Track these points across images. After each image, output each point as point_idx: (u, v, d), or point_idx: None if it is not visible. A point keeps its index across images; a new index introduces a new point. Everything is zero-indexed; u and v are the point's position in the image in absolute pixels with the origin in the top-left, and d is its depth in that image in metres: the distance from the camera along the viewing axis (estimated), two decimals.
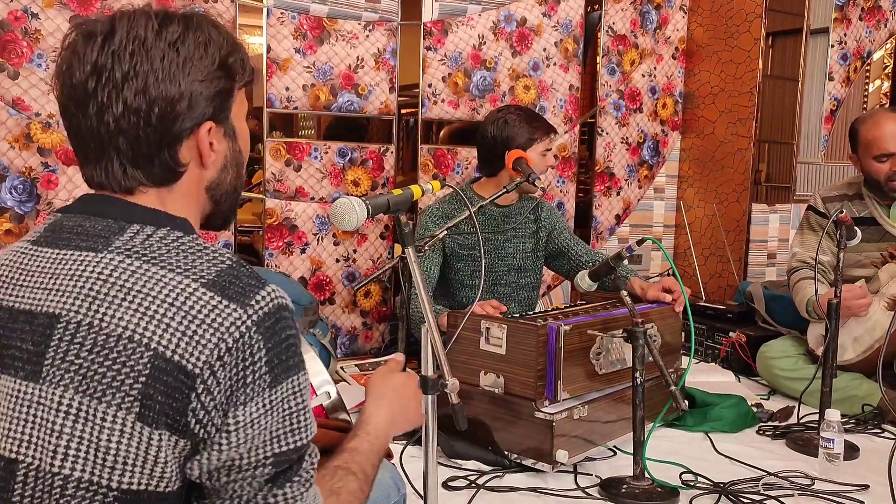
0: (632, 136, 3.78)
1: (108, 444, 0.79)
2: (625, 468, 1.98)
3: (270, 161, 3.00)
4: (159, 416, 0.79)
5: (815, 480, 1.98)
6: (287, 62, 2.97)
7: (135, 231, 0.87)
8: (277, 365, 0.83)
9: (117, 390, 0.79)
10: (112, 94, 0.87)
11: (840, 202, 2.78)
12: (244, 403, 0.81)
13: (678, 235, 3.97)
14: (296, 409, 0.86)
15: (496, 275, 2.73)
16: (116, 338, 0.79)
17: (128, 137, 0.88)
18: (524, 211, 2.78)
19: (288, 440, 0.85)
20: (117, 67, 0.86)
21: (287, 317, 0.85)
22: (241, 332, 0.80)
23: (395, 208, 1.49)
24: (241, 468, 0.83)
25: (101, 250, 0.85)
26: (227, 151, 0.96)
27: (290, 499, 0.86)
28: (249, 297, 0.83)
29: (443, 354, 1.48)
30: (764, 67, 3.61)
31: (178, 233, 0.89)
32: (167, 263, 0.84)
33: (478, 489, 1.89)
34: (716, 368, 3.08)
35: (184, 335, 0.79)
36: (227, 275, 0.84)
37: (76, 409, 0.79)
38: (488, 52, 3.33)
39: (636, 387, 1.91)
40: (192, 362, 0.79)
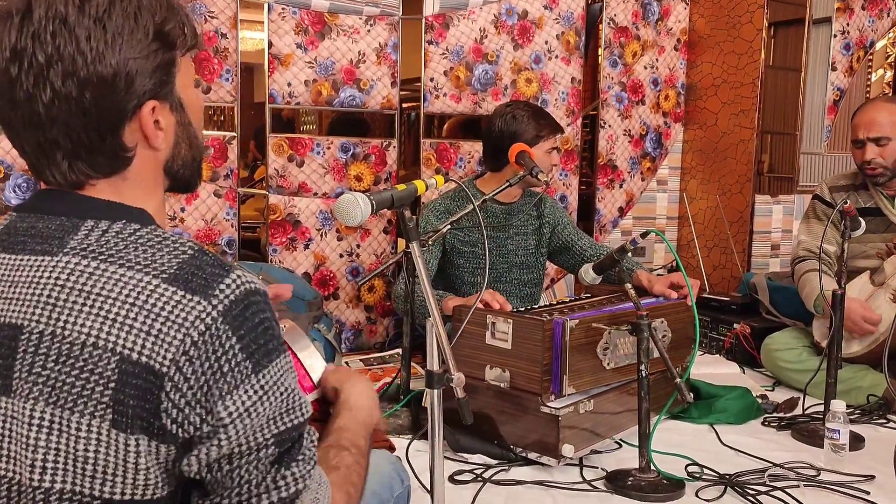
0: (634, 129, 3.77)
1: (86, 454, 0.77)
2: (630, 461, 1.98)
3: (273, 157, 3.00)
4: (133, 420, 0.77)
5: (821, 471, 1.98)
6: (288, 58, 2.96)
7: (89, 228, 0.83)
8: (256, 350, 0.80)
9: (88, 399, 0.76)
10: (38, 80, 0.80)
11: (847, 192, 2.77)
12: (228, 393, 0.78)
13: (681, 227, 3.97)
14: (287, 391, 0.84)
15: (497, 272, 2.74)
16: (81, 345, 0.77)
17: (62, 127, 0.82)
18: (527, 208, 2.78)
19: (286, 419, 0.84)
20: (39, 50, 0.79)
21: (258, 301, 0.82)
22: (206, 324, 0.78)
23: (399, 203, 1.49)
24: (242, 454, 0.81)
25: (55, 253, 0.82)
26: (177, 126, 0.90)
27: (298, 478, 0.85)
28: (213, 288, 0.80)
29: (448, 348, 1.48)
30: (766, 58, 3.59)
31: (135, 225, 0.85)
32: (125, 261, 0.80)
33: (484, 483, 1.89)
34: (720, 360, 3.08)
35: (148, 335, 0.77)
36: (189, 266, 0.81)
37: (49, 422, 0.77)
38: (490, 46, 3.32)
39: (641, 379, 1.91)
40: (158, 361, 0.76)
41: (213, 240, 2.93)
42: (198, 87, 0.98)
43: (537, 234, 2.79)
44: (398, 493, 1.22)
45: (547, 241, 2.81)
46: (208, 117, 2.93)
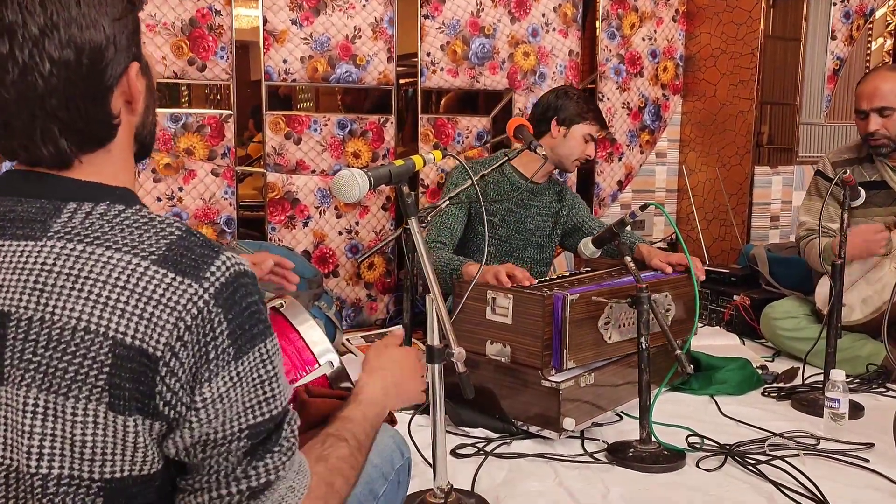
0: (633, 101, 3.75)
1: (84, 437, 0.77)
2: (631, 433, 1.99)
3: (270, 135, 2.99)
4: (130, 402, 0.76)
5: (821, 440, 1.99)
6: (284, 34, 2.94)
7: (72, 210, 0.82)
8: (241, 336, 0.80)
9: (83, 384, 0.76)
10: (34, 51, 0.78)
11: (850, 166, 2.73)
12: (209, 380, 0.78)
13: (681, 200, 3.96)
14: (266, 378, 0.83)
15: (510, 246, 2.75)
16: (72, 330, 0.76)
17: (61, 98, 0.80)
18: (550, 192, 2.83)
19: (262, 410, 0.83)
20: (31, 22, 0.78)
21: (247, 283, 0.82)
22: (198, 307, 0.77)
23: (398, 179, 1.48)
24: (216, 442, 0.81)
25: (39, 237, 0.80)
26: (146, 90, 0.89)
27: (271, 469, 0.84)
28: (203, 270, 0.79)
29: (448, 324, 1.49)
30: (766, 28, 3.56)
31: (119, 206, 0.83)
32: (112, 243, 0.79)
33: (486, 456, 1.90)
34: (720, 332, 3.09)
35: (140, 318, 0.76)
36: (178, 247, 0.80)
37: (43, 408, 0.77)
38: (486, 19, 3.29)
39: (641, 352, 1.91)
40: (152, 345, 0.76)
41: (212, 219, 2.93)
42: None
43: (555, 217, 2.83)
44: (398, 465, 1.22)
45: (563, 224, 2.85)
46: (204, 95, 2.92)
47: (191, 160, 2.87)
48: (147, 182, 2.82)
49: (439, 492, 1.58)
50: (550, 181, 2.85)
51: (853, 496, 1.70)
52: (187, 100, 2.91)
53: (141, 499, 0.81)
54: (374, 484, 1.14)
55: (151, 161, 2.81)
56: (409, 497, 1.59)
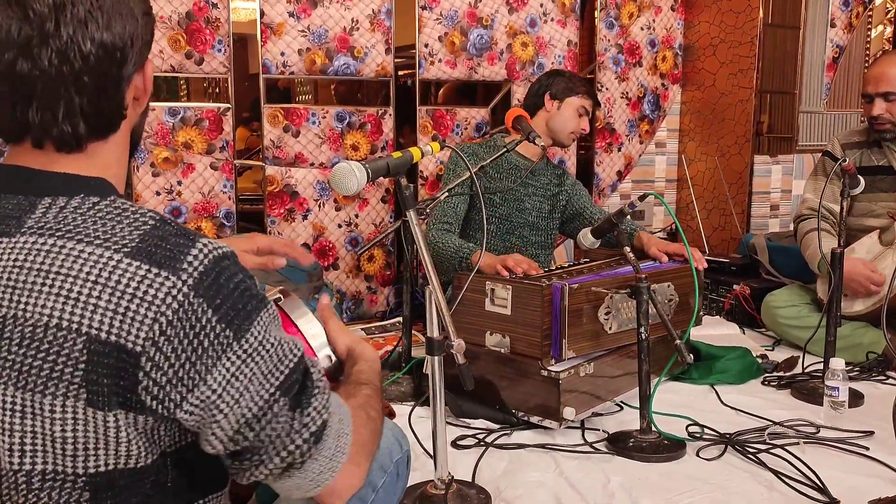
0: (632, 91, 3.74)
1: (64, 434, 0.77)
2: (632, 422, 2.00)
3: (268, 128, 2.98)
4: (109, 397, 0.76)
5: (820, 428, 2.00)
6: (281, 27, 2.93)
7: (46, 205, 0.81)
8: (235, 317, 0.79)
9: (59, 381, 0.75)
10: (77, 32, 0.80)
11: (859, 149, 2.73)
12: (212, 368, 0.78)
13: (680, 189, 3.96)
14: (276, 343, 0.83)
15: (510, 224, 2.75)
16: (44, 327, 0.75)
17: (92, 78, 0.81)
18: (550, 174, 2.83)
19: (281, 368, 0.83)
20: (80, 4, 0.80)
21: (228, 265, 0.80)
22: (178, 301, 0.76)
23: (396, 171, 1.48)
24: (257, 417, 0.81)
25: (13, 234, 0.79)
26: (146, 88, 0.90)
27: (321, 409, 0.86)
28: (180, 261, 0.78)
29: (448, 315, 1.49)
30: (765, 16, 3.55)
31: (94, 198, 0.83)
32: (84, 236, 0.78)
33: (486, 447, 1.91)
34: (720, 321, 3.09)
35: (115, 313, 0.75)
36: (152, 237, 0.79)
37: (21, 406, 0.76)
38: (484, 10, 3.28)
39: (641, 342, 1.92)
40: (131, 340, 0.75)
41: (211, 213, 2.93)
42: None
43: (553, 200, 2.82)
44: (397, 457, 1.22)
45: (561, 209, 2.83)
46: (202, 89, 2.91)
47: (189, 154, 2.87)
48: (146, 176, 2.81)
49: (440, 483, 1.58)
50: (549, 164, 2.85)
51: (853, 484, 1.70)
52: (185, 93, 2.91)
53: (131, 492, 0.81)
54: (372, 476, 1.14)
55: (150, 155, 2.81)
56: (410, 488, 1.60)
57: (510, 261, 2.19)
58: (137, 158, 2.78)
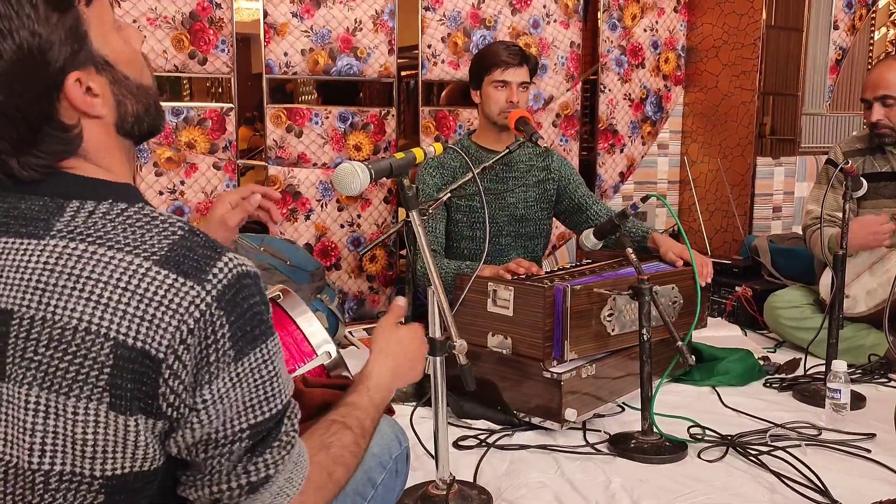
0: (634, 93, 3.74)
1: (85, 436, 0.77)
2: (633, 424, 2.00)
3: (271, 128, 2.98)
4: (132, 402, 0.77)
5: (822, 430, 2.00)
6: (284, 27, 2.93)
7: (75, 209, 0.81)
8: (241, 337, 0.80)
9: (84, 383, 0.76)
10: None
11: (861, 156, 2.72)
12: (210, 382, 0.79)
13: (683, 191, 3.96)
14: (267, 378, 0.83)
15: (498, 226, 2.68)
16: (73, 330, 0.76)
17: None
18: (529, 159, 2.72)
19: (262, 409, 0.83)
20: None
21: (249, 284, 0.81)
22: (200, 310, 0.77)
23: (398, 172, 1.49)
24: (217, 442, 0.81)
25: (42, 236, 0.80)
26: (111, 86, 0.84)
27: (270, 464, 0.85)
28: (206, 272, 0.78)
29: (450, 316, 1.49)
30: (767, 18, 3.55)
31: (122, 204, 0.82)
32: (115, 242, 0.78)
33: (488, 448, 1.91)
34: (722, 323, 3.09)
35: (143, 320, 0.76)
36: (180, 247, 0.79)
37: (45, 406, 0.77)
38: (487, 11, 3.28)
39: (643, 343, 1.92)
40: (154, 347, 0.76)
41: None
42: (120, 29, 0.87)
43: (540, 188, 2.72)
44: (396, 454, 1.23)
45: (552, 198, 2.74)
46: (205, 89, 2.91)
47: (192, 154, 2.87)
48: (149, 176, 2.82)
49: (441, 483, 1.58)
50: (527, 148, 2.68)
51: (855, 486, 1.70)
52: (188, 93, 2.91)
53: (142, 494, 0.82)
54: (371, 472, 1.15)
55: (153, 155, 2.81)
56: (412, 489, 1.61)
57: (512, 265, 2.19)
58: (140, 158, 2.79)
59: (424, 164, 2.67)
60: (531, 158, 2.72)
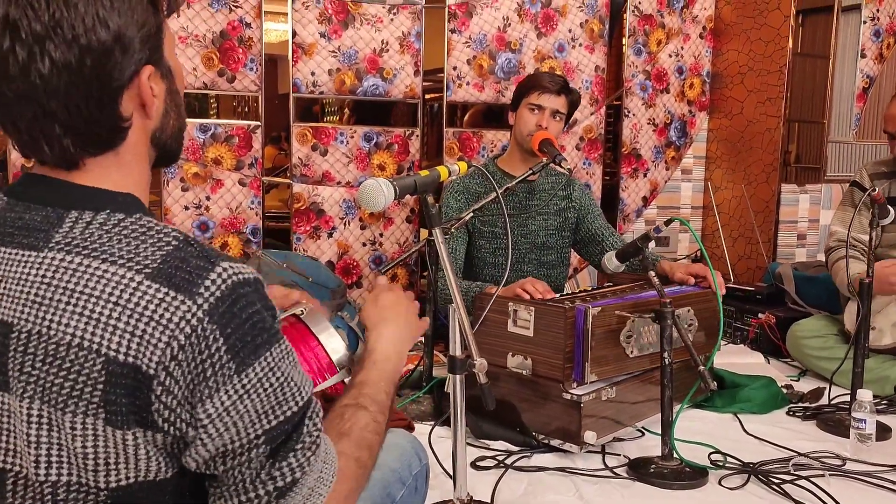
0: (658, 118, 3.74)
1: (84, 450, 0.77)
2: (653, 449, 1.98)
3: (297, 146, 3.02)
4: (127, 416, 0.76)
5: (847, 461, 1.96)
6: (312, 47, 2.98)
7: (73, 220, 0.81)
8: (242, 349, 0.78)
9: (79, 399, 0.76)
10: (34, 51, 0.76)
11: (887, 179, 2.69)
12: (209, 397, 0.77)
13: (706, 217, 3.94)
14: (276, 384, 0.81)
15: (520, 252, 2.71)
16: (66, 346, 0.75)
17: (62, 98, 0.78)
18: (552, 187, 2.75)
19: (276, 413, 0.81)
20: (35, 20, 0.75)
21: (246, 293, 0.79)
22: (192, 325, 0.76)
23: (422, 189, 1.49)
24: (234, 453, 0.80)
25: (41, 248, 0.80)
26: (166, 94, 0.87)
27: (295, 468, 0.83)
28: (197, 285, 0.77)
29: (471, 334, 1.49)
30: (794, 45, 3.54)
31: (119, 214, 0.82)
32: (109, 255, 0.78)
33: (506, 469, 1.90)
34: (744, 350, 3.06)
35: (133, 336, 0.75)
36: (174, 258, 0.78)
37: (46, 419, 0.77)
38: (513, 34, 3.31)
39: (664, 367, 1.90)
40: (145, 363, 0.75)
41: (238, 228, 2.96)
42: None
43: (561, 216, 2.74)
44: (416, 470, 1.22)
45: (572, 226, 2.77)
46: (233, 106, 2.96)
47: (218, 170, 2.91)
48: (175, 191, 2.86)
49: (459, 503, 1.57)
50: (550, 175, 2.74)
51: None
52: (216, 110, 2.96)
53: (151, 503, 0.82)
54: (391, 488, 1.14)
55: (180, 170, 2.85)
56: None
57: (528, 285, 2.19)
58: (167, 173, 2.83)
59: (449, 188, 2.69)
60: (553, 187, 2.75)
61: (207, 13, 2.82)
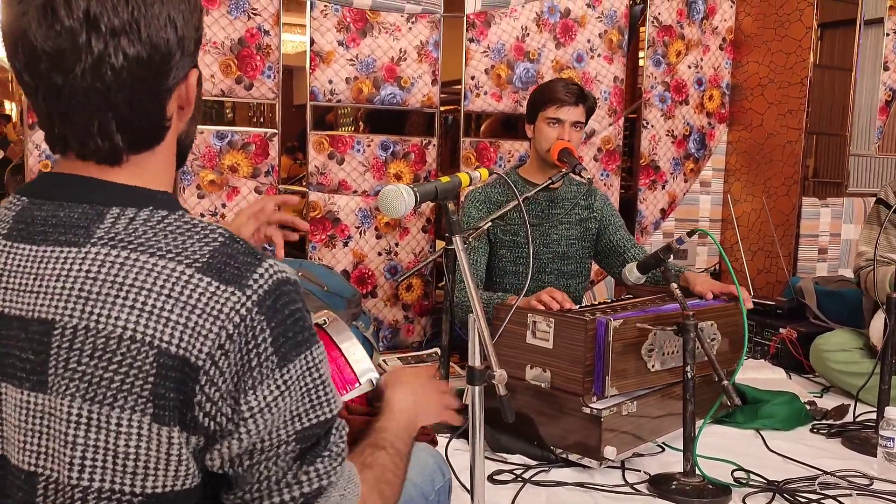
0: (677, 129, 3.70)
1: (127, 449, 0.76)
2: (674, 465, 1.93)
3: (313, 154, 3.00)
4: (172, 412, 0.75)
5: (874, 480, 1.91)
6: (330, 55, 2.97)
7: (115, 216, 0.80)
8: (284, 343, 0.79)
9: (128, 393, 0.75)
10: (109, 45, 0.77)
11: None
12: (253, 388, 0.77)
13: (725, 230, 3.89)
14: (314, 385, 0.82)
15: (541, 262, 2.67)
16: (117, 339, 0.75)
17: (126, 92, 0.79)
18: (573, 196, 2.72)
19: (310, 416, 0.81)
20: (114, 16, 0.77)
21: (289, 291, 0.80)
22: (241, 315, 0.76)
23: (443, 196, 1.47)
24: (263, 450, 0.79)
25: (83, 244, 0.79)
26: (196, 99, 0.88)
27: (322, 475, 0.83)
28: (246, 278, 0.78)
29: (490, 345, 1.46)
30: (815, 57, 3.50)
31: (163, 211, 0.82)
32: (157, 249, 0.78)
33: (524, 483, 1.86)
34: (765, 365, 3.00)
35: (185, 327, 0.75)
36: (221, 254, 0.79)
37: (87, 419, 0.75)
38: (531, 44, 3.29)
39: (686, 381, 1.86)
40: (194, 354, 0.75)
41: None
42: None
43: (582, 226, 2.71)
44: (439, 486, 1.20)
45: (593, 237, 2.73)
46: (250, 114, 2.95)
47: (235, 177, 2.90)
48: (191, 198, 2.84)
49: None
50: (572, 185, 2.71)
51: None
52: (233, 118, 2.95)
53: None
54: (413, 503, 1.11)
55: (196, 178, 2.84)
56: None
57: (544, 295, 2.15)
58: (183, 180, 2.82)
59: (470, 197, 2.67)
60: (575, 196, 2.72)
61: (226, 20, 2.81)
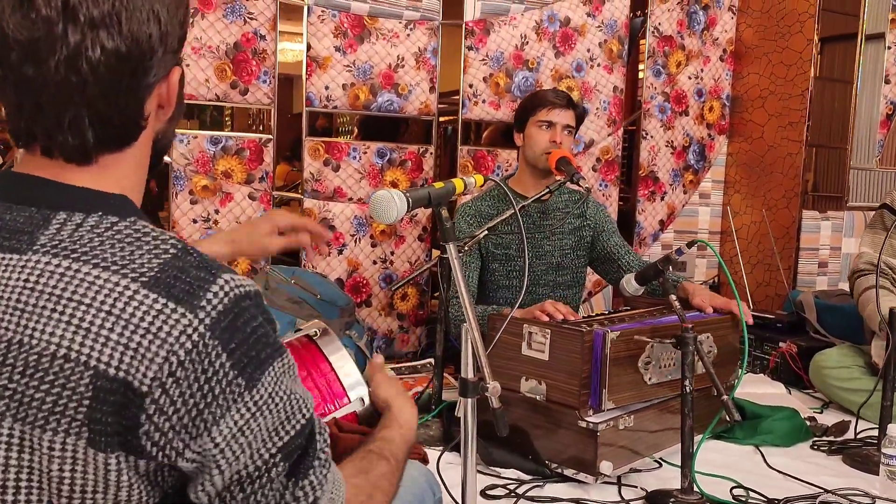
0: (677, 140, 3.68)
1: (61, 474, 0.71)
2: (671, 481, 1.89)
3: (309, 161, 2.97)
4: (111, 437, 0.70)
5: (876, 499, 1.87)
6: (327, 61, 2.94)
7: (61, 221, 0.75)
8: (248, 364, 0.73)
9: (61, 416, 0.69)
10: (87, 37, 0.73)
11: None
12: (222, 417, 0.72)
13: (724, 242, 3.85)
14: (286, 395, 0.77)
15: (535, 274, 2.64)
16: (51, 357, 0.69)
17: (103, 88, 0.75)
18: (566, 206, 2.68)
19: (286, 427, 0.78)
20: (94, 7, 0.73)
21: (248, 306, 0.74)
22: (193, 341, 0.70)
23: (437, 202, 1.43)
24: (251, 477, 0.75)
25: (24, 251, 0.73)
26: (177, 99, 0.85)
27: (316, 486, 0.80)
28: (199, 297, 0.72)
29: (484, 356, 1.42)
30: (816, 70, 3.48)
31: (113, 217, 0.77)
32: (101, 260, 0.72)
33: (518, 498, 1.81)
34: (765, 380, 2.96)
35: (126, 348, 0.69)
36: (171, 268, 0.73)
37: (18, 440, 0.71)
38: (531, 53, 3.26)
39: (685, 395, 1.82)
40: (138, 378, 0.69)
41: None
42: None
43: (576, 235, 2.67)
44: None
45: (588, 245, 2.70)
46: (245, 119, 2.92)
47: (228, 183, 2.86)
48: (184, 203, 2.81)
49: None
50: (564, 192, 2.67)
51: None
52: (229, 123, 2.92)
53: None
54: None
55: (189, 183, 2.80)
56: None
57: (548, 306, 2.11)
58: (176, 185, 2.78)
59: (461, 211, 2.64)
60: (567, 206, 2.68)
61: (222, 24, 2.78)
